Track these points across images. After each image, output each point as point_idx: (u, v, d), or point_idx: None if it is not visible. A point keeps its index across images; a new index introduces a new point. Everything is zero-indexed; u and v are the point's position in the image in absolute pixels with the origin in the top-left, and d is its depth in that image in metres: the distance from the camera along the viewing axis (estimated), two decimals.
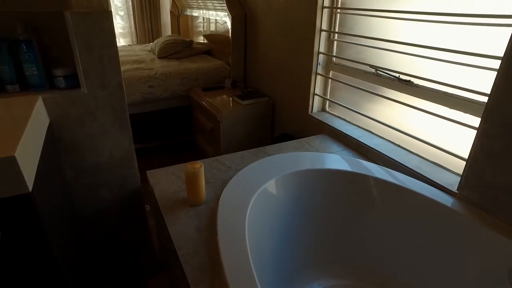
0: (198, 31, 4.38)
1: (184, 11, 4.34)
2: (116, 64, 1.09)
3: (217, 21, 3.68)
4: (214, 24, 3.81)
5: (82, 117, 1.11)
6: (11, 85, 1.05)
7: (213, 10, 3.46)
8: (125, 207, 1.31)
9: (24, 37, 1.01)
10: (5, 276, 0.76)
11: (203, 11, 3.83)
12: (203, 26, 4.21)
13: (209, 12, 3.66)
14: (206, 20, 4.06)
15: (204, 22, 4.13)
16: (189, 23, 4.46)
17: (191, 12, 4.24)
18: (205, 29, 4.18)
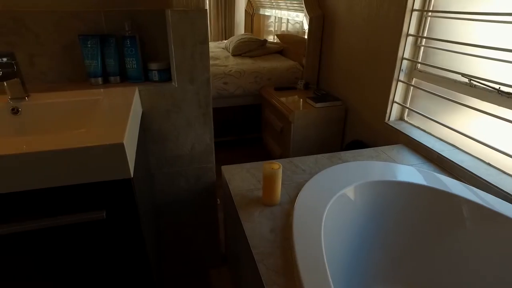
0: (268, 31, 4.42)
1: (258, 10, 4.41)
2: (206, 61, 1.13)
3: (288, 21, 3.68)
4: (285, 24, 3.82)
5: (170, 109, 1.17)
6: (113, 77, 1.15)
7: (286, 10, 3.47)
8: (199, 199, 1.36)
9: (129, 34, 1.10)
10: (104, 250, 0.82)
11: (276, 10, 3.85)
12: (274, 25, 4.24)
13: (281, 11, 3.68)
14: (277, 20, 4.08)
15: (276, 22, 4.15)
16: (261, 22, 4.52)
17: (263, 12, 4.29)
18: (276, 28, 4.21)
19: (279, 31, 3.97)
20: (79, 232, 0.79)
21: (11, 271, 0.80)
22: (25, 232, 0.75)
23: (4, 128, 0.98)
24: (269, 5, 4.08)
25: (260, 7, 4.35)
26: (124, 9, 1.11)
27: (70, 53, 1.13)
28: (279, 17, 3.98)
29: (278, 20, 4.04)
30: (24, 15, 1.06)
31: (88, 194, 0.75)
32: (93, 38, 1.09)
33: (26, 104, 0.98)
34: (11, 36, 1.07)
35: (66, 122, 1.00)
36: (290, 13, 3.38)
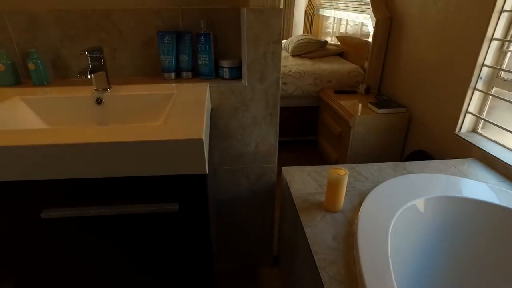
0: (326, 32, 4.33)
1: (318, 11, 4.34)
2: (277, 60, 1.12)
3: (348, 23, 3.58)
4: (344, 25, 3.72)
5: (237, 107, 1.18)
6: (186, 72, 1.18)
7: (346, 11, 3.37)
8: (257, 198, 1.36)
9: (204, 31, 1.12)
10: (171, 241, 0.85)
11: (335, 11, 3.76)
12: (332, 27, 4.15)
13: (340, 12, 3.58)
14: (336, 21, 3.98)
15: (335, 23, 4.06)
16: (320, 23, 4.44)
17: (323, 12, 4.21)
18: (334, 30, 4.11)
19: (337, 33, 3.87)
20: (150, 221, 0.82)
21: (85, 249, 0.85)
22: (102, 216, 0.80)
23: (89, 116, 1.05)
24: (328, 6, 4.00)
25: (319, 8, 4.28)
26: (201, 7, 1.14)
27: (148, 49, 1.19)
28: (338, 18, 3.89)
29: (337, 21, 3.95)
30: (111, 12, 1.12)
31: (163, 186, 0.77)
32: (170, 34, 1.13)
33: (108, 95, 1.04)
34: (101, 32, 1.15)
35: (142, 113, 1.04)
36: (350, 14, 3.28)
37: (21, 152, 0.70)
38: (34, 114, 1.03)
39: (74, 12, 1.12)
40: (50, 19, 1.13)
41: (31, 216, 0.79)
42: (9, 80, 1.13)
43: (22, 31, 1.14)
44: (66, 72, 1.21)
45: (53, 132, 0.75)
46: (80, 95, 1.04)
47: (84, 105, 1.04)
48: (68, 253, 0.85)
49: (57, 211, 0.76)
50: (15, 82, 1.15)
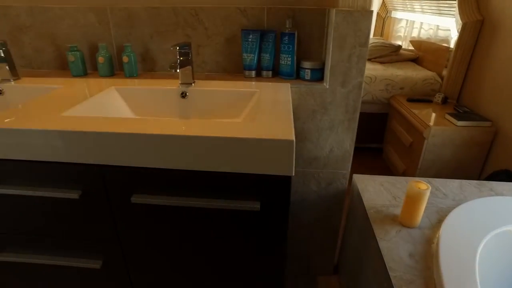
0: (397, 36, 4.11)
1: (390, 13, 4.14)
2: (362, 64, 1.08)
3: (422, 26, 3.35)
4: (417, 29, 3.49)
5: (316, 110, 1.15)
6: (266, 71, 1.18)
7: (421, 13, 3.15)
8: (325, 203, 1.32)
9: (289, 31, 1.11)
10: (247, 240, 0.86)
11: (409, 14, 3.55)
12: (404, 30, 3.92)
13: (415, 15, 3.36)
14: (409, 24, 3.76)
15: (407, 26, 3.83)
16: (391, 26, 4.23)
17: (395, 15, 4.00)
18: (405, 34, 3.88)
19: (408, 37, 3.66)
20: (230, 218, 0.83)
21: (166, 236, 0.89)
22: (186, 207, 0.83)
23: (173, 109, 1.09)
24: (402, 8, 3.78)
25: (392, 10, 4.07)
26: (287, 7, 1.13)
27: (230, 46, 1.21)
28: (411, 21, 3.66)
29: (410, 25, 3.72)
30: (200, 10, 1.16)
31: (246, 184, 0.77)
32: (255, 32, 1.13)
33: (192, 89, 1.08)
34: (188, 28, 1.19)
35: (223, 109, 1.07)
36: (425, 17, 3.07)
37: (122, 138, 0.75)
38: (124, 103, 1.10)
39: (165, 9, 1.18)
40: (144, 16, 1.20)
41: (122, 199, 0.84)
42: (106, 71, 1.23)
43: (120, 27, 1.23)
44: (152, 66, 1.28)
45: (154, 122, 0.79)
46: (166, 87, 1.09)
47: (169, 98, 1.09)
48: (150, 238, 0.90)
49: (146, 198, 0.80)
50: (111, 73, 1.24)
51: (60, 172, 0.83)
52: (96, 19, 1.23)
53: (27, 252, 0.99)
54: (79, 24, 1.25)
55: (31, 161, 0.83)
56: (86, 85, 1.13)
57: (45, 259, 0.97)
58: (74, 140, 0.77)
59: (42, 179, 0.85)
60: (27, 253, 0.99)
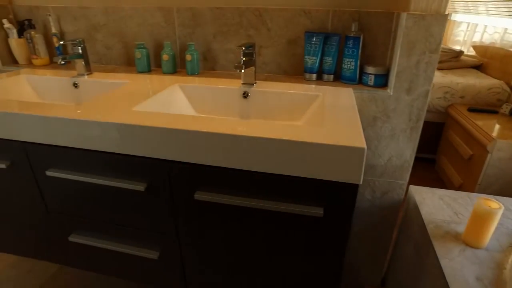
0: (455, 40, 3.87)
1: (450, 16, 3.91)
2: (431, 71, 1.03)
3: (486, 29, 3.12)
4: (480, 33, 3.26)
5: (377, 117, 1.12)
6: (327, 75, 1.16)
7: (485, 15, 2.94)
8: (379, 214, 1.28)
9: (354, 34, 1.08)
10: (306, 245, 0.85)
11: (472, 16, 3.32)
12: (464, 34, 3.68)
13: (478, 17, 3.14)
14: (470, 28, 3.52)
15: (468, 30, 3.60)
16: (449, 29, 4.00)
17: (454, 17, 3.77)
18: (465, 38, 3.65)
19: (469, 41, 3.43)
20: (292, 222, 0.82)
21: (224, 234, 0.90)
22: (248, 208, 0.83)
23: (234, 108, 1.11)
24: (463, 10, 3.55)
25: (451, 12, 3.84)
26: (353, 10, 1.11)
27: (292, 48, 1.20)
28: (473, 24, 3.43)
29: (471, 28, 3.49)
30: (264, 11, 1.17)
31: (310, 189, 0.76)
32: (318, 35, 1.12)
33: (254, 90, 1.08)
34: (251, 29, 1.20)
35: (284, 111, 1.06)
36: (490, 20, 2.85)
37: (190, 136, 0.77)
38: (186, 100, 1.14)
39: (230, 10, 1.20)
40: (209, 16, 1.23)
41: (185, 195, 0.86)
42: (169, 68, 1.27)
43: (184, 26, 1.27)
44: (213, 65, 1.31)
45: (221, 121, 0.80)
46: (228, 87, 1.11)
47: (231, 97, 1.10)
48: (208, 235, 0.92)
49: (209, 195, 0.82)
50: (173, 70, 1.29)
51: (128, 165, 0.87)
52: (163, 19, 1.28)
53: (92, 236, 1.05)
54: (147, 23, 1.31)
55: (102, 151, 0.87)
56: (151, 81, 1.18)
57: (108, 244, 1.02)
58: (145, 135, 0.80)
59: (111, 170, 0.89)
60: (92, 237, 1.05)
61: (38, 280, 1.45)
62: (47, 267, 1.52)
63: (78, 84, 1.26)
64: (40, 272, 1.50)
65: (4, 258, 1.57)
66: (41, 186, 1.02)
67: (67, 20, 1.40)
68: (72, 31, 1.42)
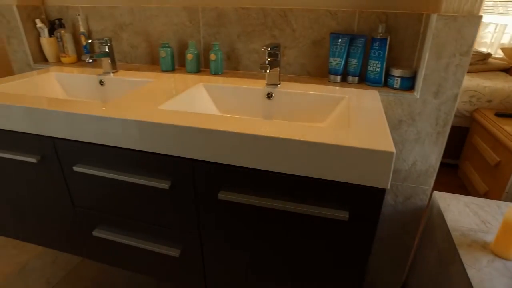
0: (482, 42, 3.75)
1: None
2: (461, 75, 1.00)
3: None
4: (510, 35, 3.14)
5: (402, 120, 1.09)
6: (352, 77, 1.15)
7: None
8: (400, 219, 1.25)
9: (380, 36, 1.07)
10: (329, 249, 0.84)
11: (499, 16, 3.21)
12: (491, 36, 3.57)
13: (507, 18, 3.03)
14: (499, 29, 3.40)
15: (496, 32, 3.48)
16: None
17: None
18: (492, 40, 3.53)
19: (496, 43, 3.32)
20: (315, 225, 0.81)
21: (247, 234, 0.91)
22: (271, 209, 0.83)
23: (258, 109, 1.11)
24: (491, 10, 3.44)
25: None
26: (380, 11, 1.09)
27: (317, 49, 1.19)
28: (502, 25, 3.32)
29: (500, 29, 3.38)
30: (289, 11, 1.16)
31: (336, 192, 0.75)
32: (344, 37, 1.11)
33: (278, 91, 1.08)
34: (276, 29, 1.20)
35: (308, 113, 1.06)
36: None
37: (216, 135, 0.77)
38: (210, 99, 1.15)
39: (255, 10, 1.20)
40: (233, 16, 1.23)
41: (208, 194, 0.87)
42: (193, 68, 1.29)
43: (209, 26, 1.27)
44: (236, 65, 1.31)
45: (247, 122, 0.80)
46: (252, 87, 1.11)
47: (255, 98, 1.10)
48: (230, 235, 0.92)
49: (233, 195, 0.82)
50: (197, 70, 1.30)
51: (153, 163, 0.88)
52: (187, 18, 1.29)
53: (115, 232, 1.07)
54: (172, 23, 1.32)
55: (128, 149, 0.89)
56: (175, 80, 1.20)
57: (130, 240, 1.04)
58: (171, 133, 0.81)
59: (137, 167, 0.91)
60: (115, 232, 1.07)
61: (61, 272, 1.50)
62: (70, 259, 1.56)
63: (104, 82, 1.29)
64: (63, 264, 1.54)
65: (30, 249, 1.63)
66: (68, 181, 1.05)
67: (95, 19, 1.43)
68: (99, 30, 1.45)
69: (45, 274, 1.48)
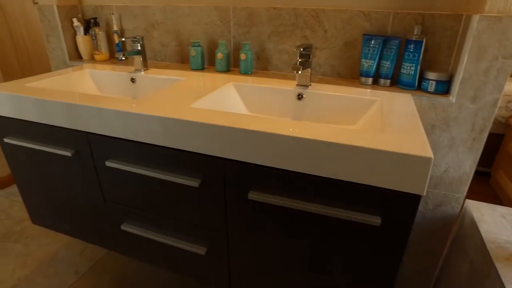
0: None
1: None
2: (503, 79, 0.96)
3: None
4: None
5: (435, 125, 1.06)
6: (384, 79, 1.12)
7: None
8: (430, 227, 1.21)
9: (416, 38, 1.04)
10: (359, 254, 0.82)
11: None
12: None
13: None
14: None
15: None
16: None
17: None
18: None
19: None
20: (345, 228, 0.80)
21: (275, 236, 0.90)
22: (300, 211, 0.82)
23: (287, 109, 1.10)
24: None
25: None
26: (417, 12, 1.06)
27: (348, 50, 1.17)
28: None
29: None
30: (322, 12, 1.15)
31: (368, 197, 0.74)
32: (377, 38, 1.08)
33: (309, 92, 1.07)
34: (307, 30, 1.19)
35: (338, 115, 1.04)
36: None
37: (248, 135, 0.77)
38: (240, 99, 1.15)
39: (286, 10, 1.19)
40: (264, 16, 1.23)
41: (238, 194, 0.87)
42: (223, 67, 1.29)
43: (240, 25, 1.28)
44: (266, 65, 1.31)
45: (279, 122, 0.80)
46: (283, 88, 1.10)
47: (285, 98, 1.10)
48: (258, 235, 0.92)
49: (263, 196, 0.82)
50: (227, 69, 1.31)
51: (184, 160, 0.89)
52: (218, 18, 1.30)
53: (143, 227, 1.10)
54: (202, 22, 1.34)
55: (159, 146, 0.91)
56: (205, 79, 1.21)
57: (157, 236, 1.06)
58: (203, 132, 0.82)
59: (167, 164, 0.92)
60: (143, 227, 1.09)
61: (88, 262, 1.54)
62: (96, 251, 1.61)
63: (135, 79, 1.31)
64: (90, 255, 1.58)
65: (60, 239, 1.69)
66: (100, 175, 1.08)
67: (127, 18, 1.47)
68: (131, 29, 1.49)
69: (74, 264, 1.53)
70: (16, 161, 1.22)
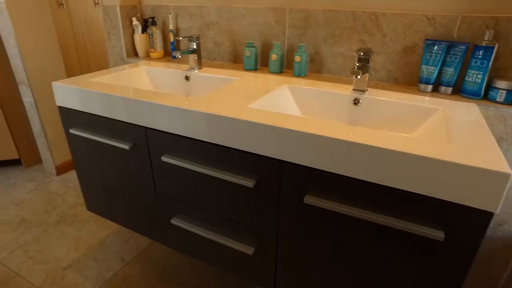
0: None
1: None
2: None
3: None
4: None
5: (503, 138, 1.00)
6: (445, 87, 1.07)
7: None
8: (489, 247, 1.15)
9: (487, 43, 0.98)
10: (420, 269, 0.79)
11: None
12: None
13: None
14: None
15: None
16: None
17: None
18: None
19: None
20: (403, 241, 0.77)
21: (328, 242, 0.89)
22: (357, 219, 0.80)
23: (343, 114, 1.08)
24: None
25: None
26: (488, 15, 1.00)
27: (407, 56, 1.13)
28: None
29: None
30: (381, 15, 1.12)
31: (432, 210, 0.71)
32: (441, 43, 1.03)
33: (365, 97, 1.05)
34: (364, 34, 1.16)
35: (395, 122, 1.01)
36: None
37: (306, 138, 0.77)
38: (294, 101, 1.14)
39: (344, 13, 1.17)
40: (321, 18, 1.22)
41: (293, 197, 0.87)
42: (276, 68, 1.30)
43: (295, 27, 1.27)
44: (319, 68, 1.30)
45: (338, 127, 0.79)
46: (338, 92, 1.08)
47: (340, 103, 1.08)
48: (309, 239, 0.91)
49: (320, 201, 0.81)
50: (280, 71, 1.31)
51: (240, 160, 0.91)
52: (274, 19, 1.31)
53: (193, 223, 1.12)
54: (258, 23, 1.35)
55: (215, 144, 0.92)
56: (258, 79, 1.21)
57: (206, 233, 1.08)
58: (261, 133, 0.82)
59: (223, 163, 0.94)
60: (192, 223, 1.12)
61: (133, 251, 1.61)
62: (140, 241, 1.67)
63: (189, 77, 1.35)
64: (135, 244, 1.65)
65: (108, 226, 1.77)
66: (154, 169, 1.12)
67: (183, 17, 1.51)
68: (187, 28, 1.53)
69: (120, 251, 1.60)
70: (78, 151, 1.30)
